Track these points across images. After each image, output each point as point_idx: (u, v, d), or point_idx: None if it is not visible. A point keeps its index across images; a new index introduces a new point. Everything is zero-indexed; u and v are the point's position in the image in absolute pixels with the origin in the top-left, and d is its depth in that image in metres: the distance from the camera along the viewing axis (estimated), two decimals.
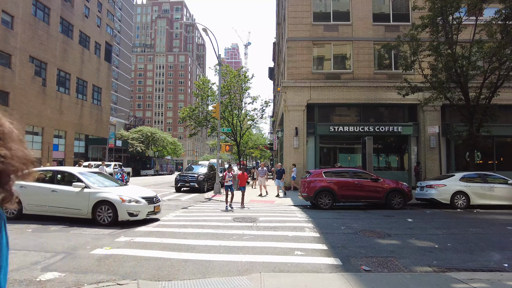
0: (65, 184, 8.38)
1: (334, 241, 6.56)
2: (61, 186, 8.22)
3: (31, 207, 8.08)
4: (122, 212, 7.72)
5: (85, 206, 7.82)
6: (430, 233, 7.40)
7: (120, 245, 5.96)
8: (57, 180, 8.46)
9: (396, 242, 6.61)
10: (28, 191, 8.02)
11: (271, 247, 5.99)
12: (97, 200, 7.80)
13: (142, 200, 8.09)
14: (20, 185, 7.78)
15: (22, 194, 7.99)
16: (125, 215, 7.75)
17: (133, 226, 7.74)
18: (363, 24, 18.77)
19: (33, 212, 8.11)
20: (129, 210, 7.76)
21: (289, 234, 7.08)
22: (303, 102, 18.15)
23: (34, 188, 8.07)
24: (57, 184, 8.31)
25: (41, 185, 8.18)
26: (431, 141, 18.09)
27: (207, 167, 20.16)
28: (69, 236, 6.55)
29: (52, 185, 8.22)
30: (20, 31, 31.29)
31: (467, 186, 11.61)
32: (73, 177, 8.40)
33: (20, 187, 7.85)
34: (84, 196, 7.87)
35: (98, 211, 7.78)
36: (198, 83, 27.53)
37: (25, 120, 31.58)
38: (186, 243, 6.19)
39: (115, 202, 7.74)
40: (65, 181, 8.55)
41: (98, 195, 7.87)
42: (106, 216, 7.74)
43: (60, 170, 8.85)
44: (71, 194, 7.96)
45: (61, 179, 8.63)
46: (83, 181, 8.11)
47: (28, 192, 8.02)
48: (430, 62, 14.76)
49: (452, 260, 5.42)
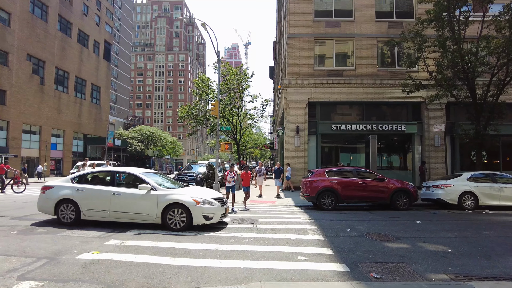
0: (127, 186, 7.68)
1: (339, 245, 6.13)
2: (122, 188, 7.49)
3: (90, 213, 7.35)
4: (197, 216, 7.04)
5: (153, 210, 7.09)
6: (441, 236, 6.96)
7: (109, 249, 5.52)
8: (116, 182, 7.75)
9: (406, 246, 6.17)
10: (85, 194, 7.41)
11: (272, 252, 5.56)
12: (168, 202, 7.07)
13: (215, 201, 7.42)
14: (76, 188, 7.49)
15: (79, 198, 7.38)
16: (200, 219, 7.07)
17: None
18: (366, 20, 18.34)
19: (93, 218, 7.38)
20: (204, 213, 7.09)
21: (291, 237, 6.65)
22: (305, 100, 17.72)
23: (92, 191, 7.45)
24: (117, 186, 7.59)
25: (100, 187, 7.52)
26: (436, 140, 17.66)
27: (206, 166, 19.73)
28: (56, 239, 6.11)
29: (112, 187, 7.48)
30: (18, 28, 30.85)
31: (475, 186, 11.17)
32: (135, 178, 7.71)
33: (76, 190, 7.44)
34: (151, 199, 7.14)
35: (169, 214, 7.06)
36: (197, 81, 27.08)
37: (23, 119, 31.17)
38: (181, 247, 5.76)
39: (189, 204, 7.04)
40: (125, 183, 7.86)
41: (169, 197, 7.15)
42: (179, 221, 7.04)
43: (119, 171, 8.13)
44: (136, 197, 7.23)
45: (121, 181, 7.97)
46: (148, 182, 7.36)
47: (86, 196, 7.40)
48: (435, 59, 14.33)
49: (468, 266, 4.98)
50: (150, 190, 7.23)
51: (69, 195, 7.40)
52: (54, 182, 8.04)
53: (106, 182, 7.95)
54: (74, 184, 7.64)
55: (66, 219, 7.39)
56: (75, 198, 7.37)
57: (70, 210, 7.38)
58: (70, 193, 7.42)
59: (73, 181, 7.75)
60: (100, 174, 8.30)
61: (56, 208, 7.41)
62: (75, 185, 7.57)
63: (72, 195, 7.39)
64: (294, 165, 17.33)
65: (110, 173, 8.09)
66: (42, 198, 7.69)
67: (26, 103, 31.58)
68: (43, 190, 7.72)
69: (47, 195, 7.64)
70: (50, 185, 7.82)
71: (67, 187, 7.56)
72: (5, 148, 29.27)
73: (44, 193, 7.68)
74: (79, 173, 8.07)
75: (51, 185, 7.79)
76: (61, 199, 7.41)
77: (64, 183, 7.77)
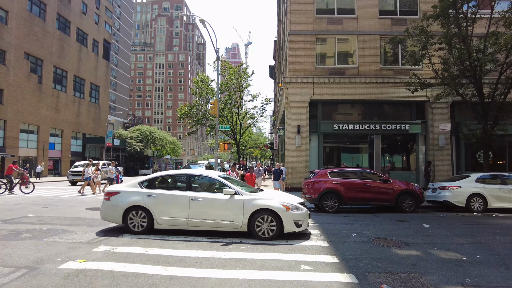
0: (203, 190, 7.04)
1: (345, 251, 5.71)
2: (201, 193, 6.79)
3: (165, 221, 6.64)
4: (288, 223, 6.40)
5: (239, 217, 6.45)
6: (453, 242, 6.54)
7: (97, 257, 5.11)
8: (192, 186, 7.00)
9: (416, 253, 5.75)
10: (159, 200, 6.69)
11: (273, 260, 5.14)
12: (255, 208, 6.43)
13: (302, 207, 6.77)
14: (146, 193, 6.77)
15: (152, 205, 6.67)
16: (291, 226, 6.43)
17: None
18: (368, 17, 17.91)
19: (168, 227, 6.69)
20: (295, 219, 6.46)
21: (293, 243, 6.23)
22: (306, 99, 17.30)
23: (167, 197, 6.76)
24: (193, 191, 6.87)
25: (175, 193, 6.85)
26: (440, 140, 17.23)
27: (204, 166, 19.34)
28: (41, 245, 5.69)
29: (189, 192, 6.76)
30: (15, 26, 30.45)
31: (484, 188, 10.74)
32: (212, 182, 7.11)
33: (147, 196, 6.73)
34: (236, 204, 6.50)
35: (257, 221, 6.43)
36: (196, 80, 26.65)
37: (20, 118, 30.77)
38: (175, 254, 5.34)
39: (279, 210, 6.39)
40: (201, 187, 7.22)
41: (255, 202, 6.49)
42: (268, 228, 6.41)
43: (194, 174, 7.38)
44: (218, 202, 6.58)
45: (197, 185, 7.30)
46: (230, 186, 6.75)
47: (160, 202, 6.68)
48: (441, 56, 13.92)
49: (488, 277, 4.56)
50: (233, 194, 6.58)
51: (140, 202, 6.69)
52: (118, 187, 7.33)
53: (179, 186, 7.25)
54: (143, 189, 6.92)
55: (137, 227, 6.70)
56: (147, 204, 6.67)
57: (141, 218, 6.71)
58: (141, 199, 6.72)
59: (141, 185, 7.01)
60: (172, 177, 7.58)
61: (125, 216, 6.73)
62: (145, 190, 6.86)
63: (143, 202, 6.69)
64: (295, 165, 16.92)
65: (184, 177, 7.27)
66: (107, 205, 6.93)
67: (23, 102, 31.19)
68: (107, 196, 6.95)
69: (113, 201, 6.86)
70: (115, 190, 7.07)
71: (136, 193, 6.82)
72: (2, 147, 28.89)
73: (108, 200, 6.91)
74: (148, 177, 7.23)
75: (116, 191, 7.02)
76: (130, 206, 6.72)
77: (131, 188, 7.01)
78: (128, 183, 7.32)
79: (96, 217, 8.74)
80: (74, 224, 7.69)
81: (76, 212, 9.51)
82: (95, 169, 15.59)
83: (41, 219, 8.29)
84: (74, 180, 21.66)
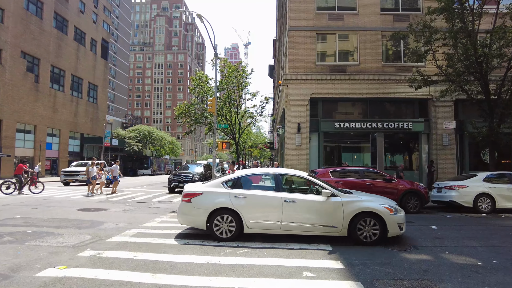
0: (296, 191, 6.53)
1: (350, 256, 5.29)
2: (294, 194, 6.24)
3: (256, 225, 6.06)
4: (392, 226, 5.95)
5: (339, 220, 5.97)
6: (465, 245, 6.12)
7: (80, 263, 4.68)
8: (281, 187, 6.40)
9: (427, 257, 5.33)
10: (248, 202, 6.08)
11: (272, 266, 4.72)
12: (357, 211, 5.97)
13: (400, 208, 6.41)
14: (233, 194, 6.14)
15: (240, 207, 6.04)
16: (395, 230, 5.99)
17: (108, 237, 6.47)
18: (370, 13, 17.49)
19: (259, 231, 6.12)
20: (398, 222, 6.03)
21: (294, 246, 5.81)
22: (306, 96, 16.88)
23: (258, 198, 6.15)
24: (283, 191, 6.28)
25: (266, 193, 6.23)
26: (444, 139, 16.81)
27: (203, 166, 18.90)
28: (21, 250, 5.26)
29: (280, 193, 6.18)
30: (11, 25, 29.99)
31: (492, 188, 10.33)
32: (304, 182, 6.57)
33: (234, 197, 6.09)
34: (335, 206, 6.01)
35: (360, 225, 5.97)
36: (194, 78, 26.22)
37: (16, 118, 30.31)
38: (165, 260, 4.91)
39: (383, 213, 5.95)
40: (292, 188, 6.67)
41: (356, 204, 6.03)
42: (370, 233, 6.01)
43: (283, 173, 6.72)
44: (314, 205, 6.07)
45: (288, 185, 6.75)
46: (325, 187, 6.23)
47: (249, 204, 6.08)
48: (445, 52, 13.50)
49: (508, 285, 4.15)
50: (330, 196, 6.09)
51: (227, 204, 6.06)
52: (197, 187, 6.56)
53: (266, 186, 6.66)
54: (228, 189, 6.28)
55: (224, 233, 6.07)
56: (235, 207, 6.03)
57: (228, 222, 6.07)
58: (228, 200, 6.07)
59: (225, 185, 6.35)
60: (258, 176, 6.95)
61: (209, 220, 6.07)
62: (231, 191, 6.23)
63: (231, 204, 6.05)
64: (295, 165, 16.49)
65: (272, 176, 6.64)
66: (187, 208, 6.22)
67: (20, 101, 30.75)
68: (187, 198, 6.24)
69: (195, 203, 6.16)
70: (196, 191, 6.32)
71: (221, 194, 6.18)
72: None
73: (189, 202, 6.19)
74: (231, 176, 6.60)
75: (198, 191, 6.29)
76: (216, 209, 6.07)
77: (214, 188, 6.34)
78: (208, 182, 6.64)
79: (87, 219, 8.34)
80: (62, 226, 7.26)
81: (66, 213, 9.08)
82: (99, 169, 15.23)
83: (28, 220, 7.86)
84: (67, 180, 21.10)
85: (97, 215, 9.04)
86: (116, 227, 7.32)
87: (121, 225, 7.56)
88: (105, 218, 8.45)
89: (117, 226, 7.49)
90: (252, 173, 7.04)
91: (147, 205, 11.51)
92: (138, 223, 7.90)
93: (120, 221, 8.15)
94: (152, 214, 9.38)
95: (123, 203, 12.01)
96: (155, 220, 8.34)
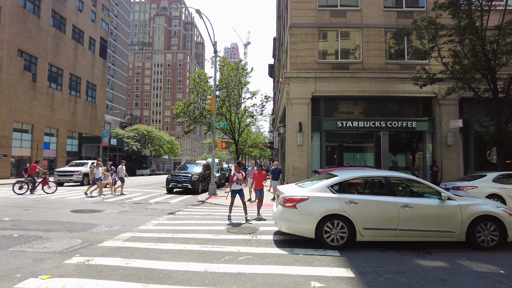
0: (409, 195, 6.16)
1: (360, 263, 4.89)
2: (408, 198, 5.87)
3: (370, 232, 5.67)
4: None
5: (457, 225, 5.67)
6: (482, 251, 5.73)
7: (66, 272, 4.27)
8: (395, 190, 6.00)
9: (443, 264, 4.94)
10: (361, 208, 5.67)
11: (277, 275, 4.31)
12: (476, 215, 5.68)
13: None
14: (344, 199, 5.72)
15: (353, 213, 5.64)
16: None
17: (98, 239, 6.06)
18: (373, 9, 17.09)
19: (373, 239, 5.74)
20: None
21: (299, 252, 5.40)
22: (308, 95, 16.47)
23: (371, 203, 5.75)
24: (397, 195, 5.90)
25: (380, 198, 5.82)
26: (448, 138, 16.42)
27: (202, 166, 18.48)
28: (3, 257, 4.82)
29: (394, 197, 5.80)
30: (8, 23, 29.55)
31: (503, 188, 9.94)
32: (415, 185, 6.28)
33: (345, 202, 5.68)
34: (453, 211, 5.70)
35: (478, 229, 5.71)
36: (193, 76, 25.80)
37: (13, 117, 29.85)
38: (160, 268, 4.51)
39: (503, 216, 5.71)
40: (404, 191, 6.28)
41: (473, 208, 5.73)
42: (489, 237, 5.73)
43: (395, 176, 6.32)
44: (431, 209, 5.72)
45: (400, 189, 6.32)
46: (438, 190, 5.93)
47: (362, 209, 5.67)
48: (451, 49, 13.12)
49: None
50: (447, 199, 5.81)
51: (338, 210, 5.65)
52: (299, 191, 6.07)
53: (377, 190, 6.27)
54: (336, 194, 5.85)
55: (335, 240, 5.68)
56: (347, 213, 5.63)
57: (338, 229, 5.70)
58: (338, 206, 5.66)
59: (332, 189, 5.92)
60: (366, 179, 6.43)
61: (318, 227, 5.66)
62: (339, 196, 5.80)
63: (342, 210, 5.64)
64: (297, 165, 16.10)
65: (383, 179, 6.18)
66: (293, 215, 5.76)
67: (17, 100, 30.31)
68: (291, 204, 5.78)
69: (301, 209, 5.72)
70: (300, 196, 5.84)
71: (330, 199, 5.75)
72: None
73: (293, 207, 5.74)
74: (336, 180, 6.06)
75: (304, 196, 5.82)
76: (326, 215, 5.66)
77: (319, 193, 5.87)
78: (310, 187, 6.16)
79: (79, 221, 7.92)
80: (52, 230, 6.85)
81: (58, 216, 8.67)
82: (105, 169, 14.81)
83: (16, 223, 7.44)
84: (60, 180, 20.58)
85: (91, 217, 8.63)
86: (109, 230, 6.91)
87: (115, 228, 7.15)
88: (98, 221, 8.04)
89: (110, 229, 7.08)
90: (358, 175, 6.44)
91: (144, 206, 11.11)
92: (133, 226, 7.49)
93: (114, 223, 7.74)
94: (148, 216, 8.97)
95: (119, 204, 11.60)
96: (151, 223, 7.92)
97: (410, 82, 14.78)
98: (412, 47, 16.56)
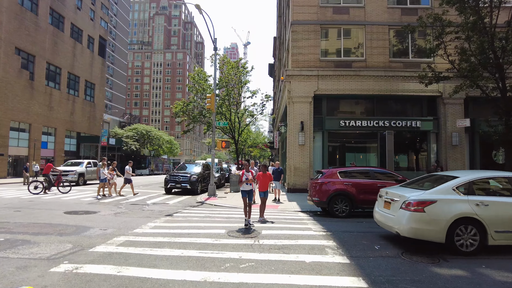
0: None
1: (372, 271, 4.51)
2: None
3: (503, 236, 5.36)
4: None
5: None
6: (502, 257, 5.35)
7: (50, 282, 3.88)
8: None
9: (462, 273, 4.56)
10: (492, 210, 5.36)
11: (283, 285, 3.93)
12: None
13: None
14: (474, 201, 5.40)
15: (485, 217, 5.32)
16: None
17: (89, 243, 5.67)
18: (377, 6, 16.74)
19: (508, 242, 5.43)
20: None
21: (305, 259, 5.01)
22: (310, 93, 16.11)
23: (503, 205, 5.46)
24: None
25: None
26: (454, 138, 16.07)
27: (201, 166, 18.08)
28: None
29: None
30: (5, 20, 29.10)
31: None
32: None
33: (475, 205, 5.37)
34: None
35: None
36: (193, 75, 25.40)
37: (10, 116, 29.42)
38: (155, 277, 4.12)
39: None
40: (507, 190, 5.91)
41: None
42: None
43: None
44: None
45: None
46: None
47: (494, 212, 5.35)
48: (457, 46, 12.74)
49: None
50: None
51: (469, 213, 5.33)
52: (429, 194, 5.66)
53: (503, 192, 5.86)
54: (463, 195, 5.50)
55: (466, 246, 5.37)
56: (479, 216, 5.30)
57: (470, 234, 5.37)
58: (469, 209, 5.34)
59: (459, 190, 5.57)
60: (492, 180, 6.08)
61: (449, 231, 5.33)
62: (469, 198, 5.46)
63: (473, 213, 5.32)
64: (298, 165, 15.73)
65: (507, 180, 5.88)
66: (421, 219, 5.40)
67: (14, 99, 29.87)
68: (420, 207, 5.44)
69: (431, 213, 5.37)
70: (429, 199, 5.50)
71: (458, 201, 5.43)
72: None
73: (422, 211, 5.41)
74: (462, 180, 5.72)
75: (431, 199, 5.48)
76: (457, 219, 5.33)
77: (446, 195, 5.54)
78: (434, 188, 5.78)
79: (72, 223, 7.53)
80: (42, 233, 6.46)
81: (50, 217, 8.27)
82: (111, 169, 14.42)
83: (4, 226, 7.05)
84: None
85: (85, 219, 8.24)
86: (103, 234, 6.53)
87: (109, 231, 6.76)
88: (92, 223, 7.65)
89: (104, 232, 6.69)
90: (483, 176, 6.07)
91: (141, 208, 10.71)
92: (128, 229, 7.10)
93: (109, 226, 7.35)
94: (145, 218, 8.57)
95: (115, 205, 11.20)
96: (147, 226, 7.53)
97: (414, 80, 14.43)
98: (416, 45, 16.20)
